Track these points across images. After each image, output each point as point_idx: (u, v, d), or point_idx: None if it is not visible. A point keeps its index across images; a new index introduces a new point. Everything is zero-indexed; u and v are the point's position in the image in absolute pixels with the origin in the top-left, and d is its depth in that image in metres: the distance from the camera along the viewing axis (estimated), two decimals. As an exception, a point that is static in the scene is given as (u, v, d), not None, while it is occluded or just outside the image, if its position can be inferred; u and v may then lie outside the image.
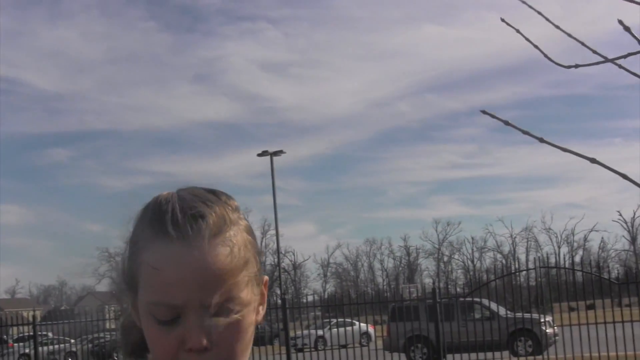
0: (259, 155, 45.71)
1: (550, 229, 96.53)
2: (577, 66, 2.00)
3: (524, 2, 1.94)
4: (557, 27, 1.83)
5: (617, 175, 1.56)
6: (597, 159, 1.45)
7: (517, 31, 1.86)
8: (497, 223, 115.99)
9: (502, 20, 1.88)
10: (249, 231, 1.34)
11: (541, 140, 1.53)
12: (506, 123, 1.55)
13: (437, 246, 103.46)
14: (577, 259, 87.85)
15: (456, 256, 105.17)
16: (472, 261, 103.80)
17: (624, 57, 2.03)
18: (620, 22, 1.53)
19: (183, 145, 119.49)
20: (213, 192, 1.34)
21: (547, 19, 1.99)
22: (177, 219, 1.27)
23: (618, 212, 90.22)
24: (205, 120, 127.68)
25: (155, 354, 1.27)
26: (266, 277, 1.38)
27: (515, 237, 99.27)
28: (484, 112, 1.56)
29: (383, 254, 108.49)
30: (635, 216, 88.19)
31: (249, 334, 1.30)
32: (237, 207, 1.35)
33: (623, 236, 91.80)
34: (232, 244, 1.27)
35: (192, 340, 1.23)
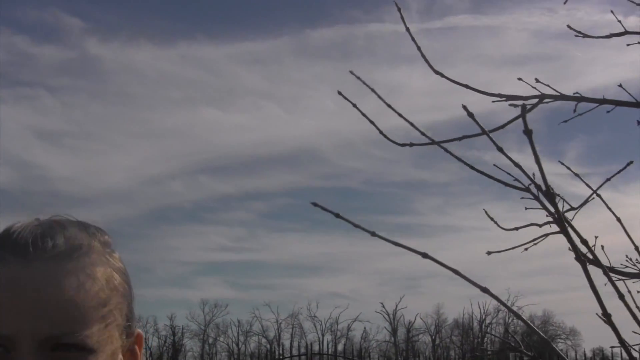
0: (26, 223, 43.86)
1: (315, 316, 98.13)
2: (411, 145, 2.00)
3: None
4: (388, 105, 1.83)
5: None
6: (428, 254, 1.42)
7: (354, 105, 1.83)
8: (264, 308, 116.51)
9: (339, 93, 1.84)
10: (120, 272, 1.14)
11: (373, 234, 1.48)
12: (337, 215, 1.49)
13: (203, 327, 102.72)
14: (340, 347, 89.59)
15: (221, 338, 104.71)
16: (237, 344, 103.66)
17: (459, 139, 2.08)
18: (465, 107, 1.52)
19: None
20: (80, 222, 1.15)
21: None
22: (20, 239, 1.07)
23: (381, 303, 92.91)
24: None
25: None
26: (139, 331, 1.17)
27: (281, 323, 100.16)
28: (314, 204, 1.48)
29: (148, 332, 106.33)
30: (397, 308, 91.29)
31: None
32: (108, 243, 1.15)
33: (385, 327, 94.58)
34: (85, 275, 1.06)
35: None
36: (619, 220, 2.34)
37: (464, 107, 1.45)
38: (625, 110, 2.84)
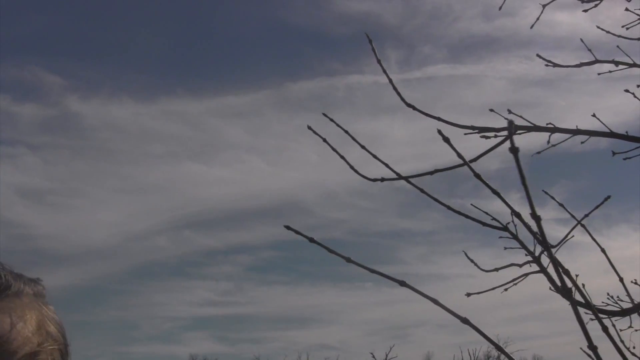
0: (11, 282, 43.47)
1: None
2: (383, 180, 1.99)
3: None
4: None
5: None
6: (406, 282, 1.39)
7: (324, 140, 1.82)
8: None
9: (309, 127, 1.85)
10: (54, 321, 1.11)
11: (348, 260, 1.44)
12: (311, 240, 1.47)
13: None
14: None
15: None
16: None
17: (431, 173, 2.07)
18: (439, 131, 1.51)
19: None
20: (16, 272, 1.14)
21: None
22: None
23: (371, 354, 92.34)
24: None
25: None
26: None
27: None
28: (287, 227, 1.46)
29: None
30: (387, 358, 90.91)
31: None
32: (42, 294, 1.12)
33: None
34: (16, 315, 1.03)
35: None
36: (603, 251, 2.31)
37: (439, 132, 1.41)
38: (606, 151, 2.83)
